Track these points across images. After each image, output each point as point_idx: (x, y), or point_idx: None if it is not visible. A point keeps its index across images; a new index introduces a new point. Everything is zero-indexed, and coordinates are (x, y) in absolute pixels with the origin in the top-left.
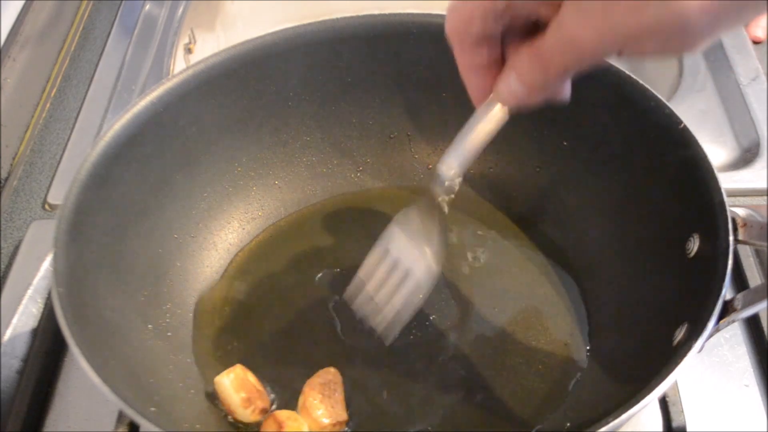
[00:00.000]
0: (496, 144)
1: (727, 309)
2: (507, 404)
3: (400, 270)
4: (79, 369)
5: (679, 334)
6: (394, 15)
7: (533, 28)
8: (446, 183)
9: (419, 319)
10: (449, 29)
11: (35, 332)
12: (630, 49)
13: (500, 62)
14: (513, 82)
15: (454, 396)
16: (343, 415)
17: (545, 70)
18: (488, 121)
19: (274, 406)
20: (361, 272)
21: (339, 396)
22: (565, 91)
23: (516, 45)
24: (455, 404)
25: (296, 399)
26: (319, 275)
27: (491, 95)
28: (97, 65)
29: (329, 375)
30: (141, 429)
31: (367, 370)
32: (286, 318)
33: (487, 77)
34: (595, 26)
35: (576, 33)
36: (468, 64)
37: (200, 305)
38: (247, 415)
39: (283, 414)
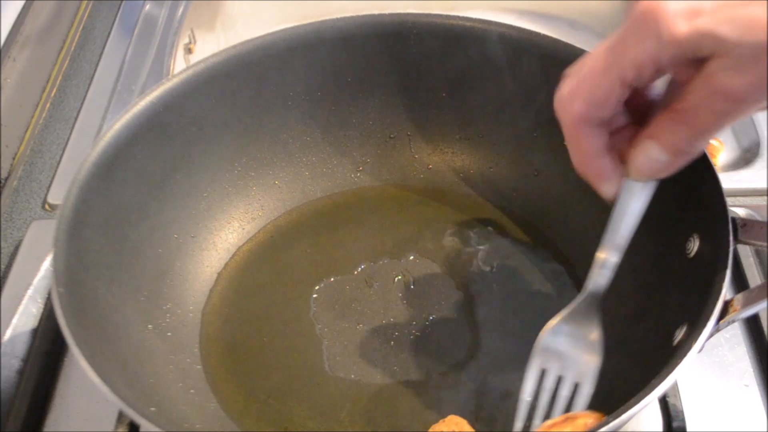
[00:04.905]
0: (498, 144)
1: (727, 309)
2: (507, 406)
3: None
4: (79, 369)
5: (679, 334)
6: (394, 15)
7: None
8: (604, 271)
9: (417, 323)
10: (575, 115)
11: (35, 332)
12: None
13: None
14: (654, 150)
15: (451, 398)
16: None
17: (692, 129)
18: (636, 200)
19: None
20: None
21: None
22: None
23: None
24: (452, 407)
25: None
26: (318, 287)
27: (624, 174)
28: (97, 65)
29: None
30: (141, 429)
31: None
32: (285, 320)
33: (611, 157)
34: (751, 73)
35: (727, 83)
36: (593, 147)
37: (200, 305)
38: None
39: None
